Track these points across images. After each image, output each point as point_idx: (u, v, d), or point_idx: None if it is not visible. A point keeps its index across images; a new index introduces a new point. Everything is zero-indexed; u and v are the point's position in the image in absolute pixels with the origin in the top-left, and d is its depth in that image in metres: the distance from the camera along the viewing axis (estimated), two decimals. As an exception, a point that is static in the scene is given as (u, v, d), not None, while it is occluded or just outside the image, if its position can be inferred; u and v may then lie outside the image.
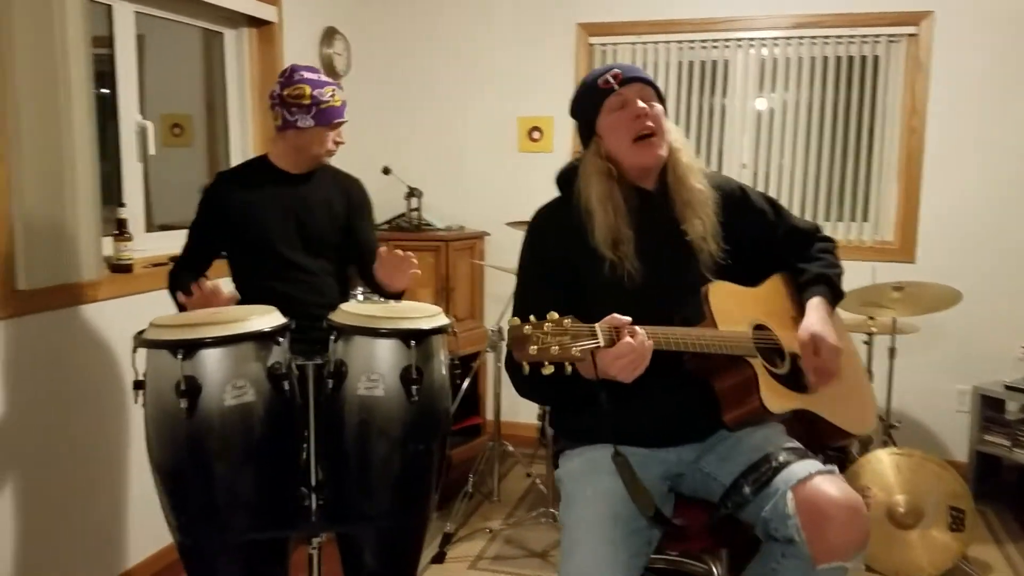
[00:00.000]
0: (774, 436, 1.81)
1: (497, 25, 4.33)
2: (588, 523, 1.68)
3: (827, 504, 1.60)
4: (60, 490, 2.56)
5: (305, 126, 2.48)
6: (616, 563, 1.61)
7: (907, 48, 3.88)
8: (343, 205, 2.64)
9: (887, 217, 4.01)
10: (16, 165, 2.32)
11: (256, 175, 2.57)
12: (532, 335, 1.44)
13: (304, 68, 2.52)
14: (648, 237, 1.85)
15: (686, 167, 1.90)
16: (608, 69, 1.89)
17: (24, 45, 2.31)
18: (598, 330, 1.53)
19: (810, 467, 1.67)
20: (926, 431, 3.97)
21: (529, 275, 1.94)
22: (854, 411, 1.98)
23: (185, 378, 1.88)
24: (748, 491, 1.70)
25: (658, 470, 1.84)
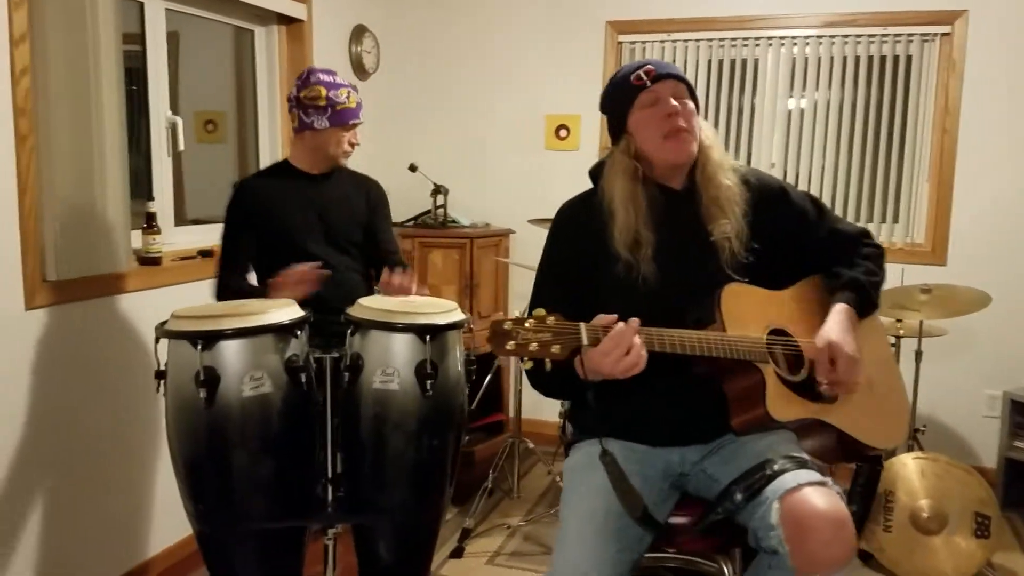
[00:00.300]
0: (779, 444, 1.77)
1: (526, 23, 4.34)
2: (581, 516, 1.70)
3: (810, 516, 1.56)
4: (85, 478, 2.62)
5: (321, 127, 2.54)
6: (604, 556, 1.62)
7: (940, 48, 3.82)
8: (363, 204, 2.71)
9: (919, 219, 3.96)
10: (47, 158, 2.38)
11: (278, 177, 2.64)
12: (512, 331, 1.48)
13: (320, 70, 2.57)
14: (670, 238, 1.84)
15: (716, 164, 1.88)
16: (641, 65, 1.87)
17: (57, 41, 2.36)
18: (582, 329, 1.54)
19: (802, 477, 1.63)
20: (954, 436, 3.91)
21: (546, 271, 1.95)
22: (880, 424, 1.91)
23: (204, 368, 1.91)
24: (740, 498, 1.68)
25: (660, 468, 1.84)
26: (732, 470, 1.74)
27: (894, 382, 2.02)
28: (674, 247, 1.83)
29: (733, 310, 1.77)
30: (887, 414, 1.94)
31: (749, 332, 1.77)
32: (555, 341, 1.49)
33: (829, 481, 1.64)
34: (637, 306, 1.70)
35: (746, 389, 1.75)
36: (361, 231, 2.68)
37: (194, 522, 2.08)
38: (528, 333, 1.48)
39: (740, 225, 1.85)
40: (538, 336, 1.48)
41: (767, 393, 1.72)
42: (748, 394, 1.75)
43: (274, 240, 2.57)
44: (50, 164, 2.38)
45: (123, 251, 2.60)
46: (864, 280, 1.90)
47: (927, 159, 3.90)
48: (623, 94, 1.87)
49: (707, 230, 1.85)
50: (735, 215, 1.85)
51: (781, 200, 1.94)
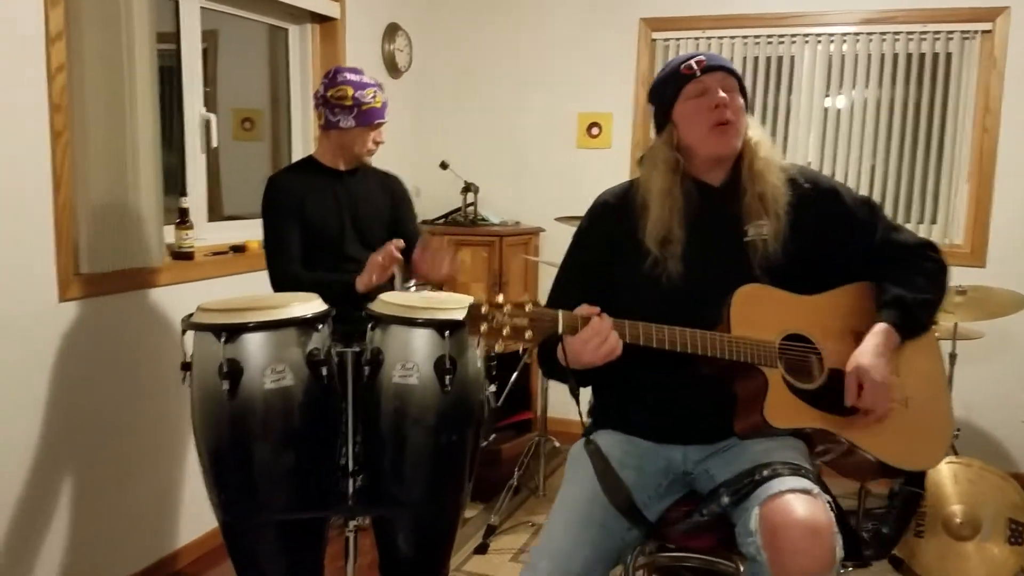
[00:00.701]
0: (778, 450, 1.71)
1: (559, 20, 4.34)
2: (567, 501, 1.73)
3: (787, 525, 1.52)
4: (115, 468, 2.67)
5: (347, 126, 2.56)
6: (583, 541, 1.64)
7: (981, 45, 3.74)
8: (387, 200, 2.74)
9: (957, 220, 3.88)
10: (82, 154, 2.43)
11: (306, 173, 2.67)
12: (488, 314, 1.50)
13: (347, 70, 2.60)
14: (702, 236, 1.80)
15: (764, 162, 1.81)
16: (692, 56, 1.83)
17: (93, 39, 2.41)
18: (559, 317, 1.55)
19: (787, 484, 1.58)
20: (991, 441, 3.83)
21: (571, 261, 1.95)
22: (908, 443, 1.79)
23: (227, 361, 1.95)
24: (727, 501, 1.65)
25: (660, 465, 1.83)
26: (730, 473, 1.71)
27: (937, 401, 1.88)
28: (705, 246, 1.80)
29: (744, 311, 1.72)
30: (919, 434, 1.82)
31: (760, 335, 1.72)
32: (530, 327, 1.52)
33: (815, 489, 1.58)
34: (659, 303, 1.70)
35: (749, 393, 1.72)
36: (385, 229, 2.71)
37: (218, 512, 2.12)
38: (504, 317, 1.50)
39: (780, 226, 1.79)
40: (513, 321, 1.51)
41: (767, 399, 1.67)
42: (751, 398, 1.71)
43: (309, 235, 2.58)
44: (84, 159, 2.44)
45: (155, 246, 2.65)
46: (911, 299, 1.79)
47: (966, 159, 3.82)
48: (671, 83, 1.84)
49: (742, 229, 1.80)
50: (776, 215, 1.79)
51: (831, 202, 1.85)
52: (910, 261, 1.85)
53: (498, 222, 4.15)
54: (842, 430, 1.74)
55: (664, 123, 1.87)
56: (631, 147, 4.20)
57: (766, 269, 1.78)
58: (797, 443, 1.77)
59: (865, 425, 1.75)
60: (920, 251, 1.87)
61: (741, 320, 1.71)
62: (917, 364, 1.85)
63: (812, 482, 1.60)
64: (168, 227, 2.86)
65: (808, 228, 1.81)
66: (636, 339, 1.62)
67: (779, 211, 1.79)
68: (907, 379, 1.82)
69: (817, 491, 1.58)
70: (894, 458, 1.77)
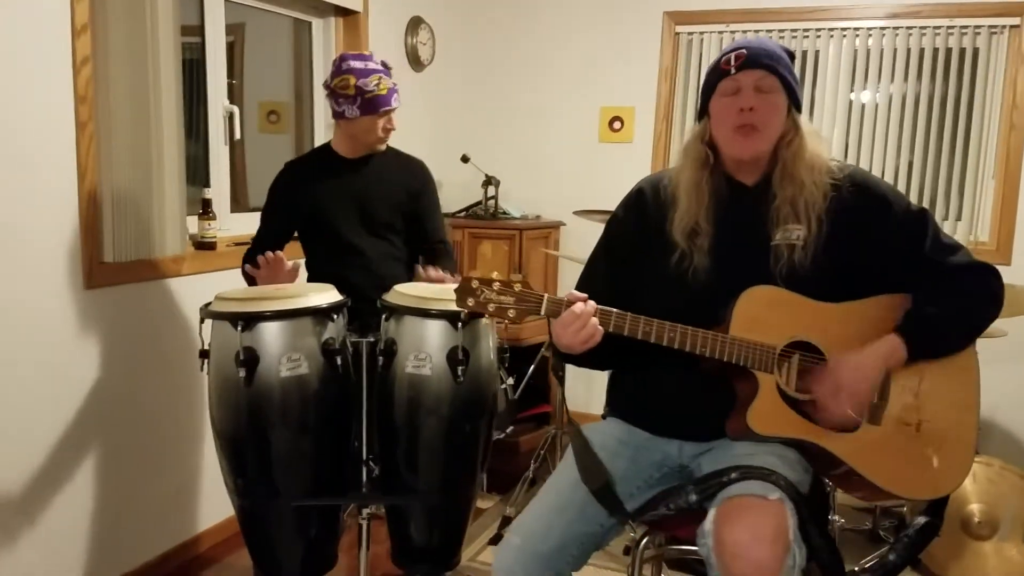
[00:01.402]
0: (760, 456, 1.67)
1: (582, 13, 4.33)
2: (553, 483, 1.78)
3: (734, 528, 1.51)
4: (137, 453, 2.73)
5: (352, 116, 2.53)
6: (556, 522, 1.68)
7: (1009, 40, 3.68)
8: (404, 188, 2.69)
9: (983, 217, 3.83)
10: (107, 145, 2.48)
11: (319, 163, 2.68)
12: (476, 289, 1.58)
13: (352, 56, 2.56)
14: (729, 234, 1.77)
15: (803, 164, 1.73)
16: (737, 47, 1.74)
17: (118, 32, 2.45)
18: (544, 300, 1.60)
19: (748, 488, 1.57)
20: (1013, 440, 3.78)
21: (600, 246, 1.94)
22: (910, 470, 1.72)
23: (244, 349, 1.99)
24: (694, 499, 1.65)
25: (655, 457, 1.83)
26: (710, 470, 1.71)
27: (958, 431, 1.76)
28: (732, 244, 1.77)
29: (748, 313, 1.69)
30: (923, 461, 1.73)
31: (763, 338, 1.69)
32: (514, 306, 1.59)
33: (775, 495, 1.55)
34: (682, 298, 1.72)
35: (742, 395, 1.71)
36: (401, 217, 2.68)
37: (234, 497, 2.16)
38: (492, 294, 1.58)
39: (813, 232, 1.72)
40: (500, 299, 1.58)
41: (753, 403, 1.66)
42: (742, 400, 1.70)
43: (312, 226, 2.62)
44: (109, 150, 2.48)
45: (178, 236, 2.69)
46: (933, 315, 1.70)
47: (993, 155, 3.77)
48: (711, 77, 1.78)
49: (770, 232, 1.74)
50: (809, 221, 1.72)
51: (877, 211, 1.74)
52: (951, 281, 1.73)
53: (519, 216, 4.16)
54: (833, 445, 1.69)
55: (703, 115, 1.82)
56: (653, 141, 4.19)
57: (789, 274, 1.72)
58: (786, 451, 1.71)
59: (859, 441, 1.69)
60: (965, 273, 1.74)
61: (743, 321, 1.69)
62: (944, 389, 1.76)
63: (780, 489, 1.56)
64: (191, 218, 2.91)
65: (845, 236, 1.73)
66: (620, 329, 1.63)
67: (813, 217, 1.72)
68: (926, 402, 1.75)
69: (777, 497, 1.55)
70: (886, 480, 1.70)
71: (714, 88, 1.76)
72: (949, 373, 1.77)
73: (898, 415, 1.73)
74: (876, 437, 1.71)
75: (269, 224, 2.69)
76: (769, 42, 1.78)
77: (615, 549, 3.04)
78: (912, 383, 1.74)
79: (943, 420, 1.75)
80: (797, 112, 1.78)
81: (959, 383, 1.78)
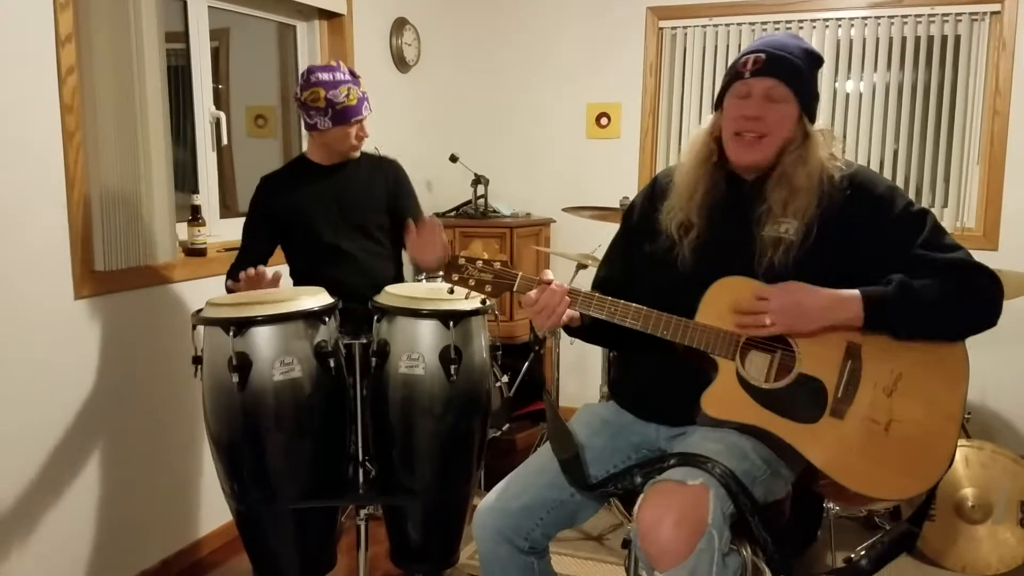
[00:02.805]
0: (709, 443, 1.68)
1: (567, 11, 4.34)
2: (536, 453, 1.90)
3: (650, 509, 1.57)
4: (133, 463, 2.73)
5: (324, 127, 2.58)
6: (531, 484, 1.78)
7: (991, 27, 3.71)
8: (383, 187, 2.73)
9: (969, 203, 3.86)
10: (94, 154, 2.48)
11: (296, 172, 2.72)
12: (463, 266, 1.75)
13: (320, 68, 2.60)
14: (720, 227, 1.80)
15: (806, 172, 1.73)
16: (758, 49, 1.74)
17: (102, 41, 2.45)
18: (517, 277, 1.75)
19: (676, 474, 1.61)
20: (1003, 424, 3.81)
21: (618, 232, 2.03)
22: (875, 469, 1.68)
23: (236, 354, 1.99)
24: (639, 480, 1.70)
25: (635, 439, 1.87)
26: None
27: (932, 439, 1.70)
28: (719, 238, 1.80)
29: (717, 301, 1.71)
30: (892, 462, 1.69)
31: (726, 325, 1.71)
32: (491, 283, 1.76)
33: (698, 480, 1.58)
34: (669, 286, 1.77)
35: (706, 380, 1.73)
36: (386, 215, 2.71)
37: (231, 501, 2.17)
38: (474, 272, 1.75)
39: (800, 235, 1.72)
40: (481, 275, 1.75)
41: (710, 387, 1.70)
42: (703, 385, 1.73)
43: (295, 233, 2.65)
44: (97, 159, 2.48)
45: (168, 242, 2.70)
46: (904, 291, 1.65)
47: (977, 141, 3.80)
48: (728, 75, 1.79)
49: (760, 227, 1.75)
50: (799, 223, 1.72)
51: (875, 211, 1.73)
52: (938, 273, 1.67)
53: (509, 214, 4.17)
54: (790, 434, 1.68)
55: (717, 107, 1.84)
56: (640, 136, 4.21)
57: (768, 270, 1.73)
58: (743, 441, 1.70)
59: (820, 434, 1.68)
60: (956, 270, 1.68)
61: (711, 309, 1.73)
62: (923, 390, 1.70)
63: (708, 474, 1.59)
64: (181, 224, 2.91)
65: (839, 236, 1.73)
66: (586, 308, 1.73)
67: (802, 221, 1.72)
68: (900, 401, 1.70)
69: (700, 482, 1.57)
70: (844, 476, 1.67)
71: (728, 88, 1.79)
72: (933, 377, 1.71)
73: (866, 412, 1.69)
74: (838, 432, 1.69)
75: (251, 239, 2.72)
76: (792, 43, 1.76)
77: (613, 543, 3.06)
78: (887, 381, 1.70)
79: (917, 425, 1.69)
80: (810, 122, 1.76)
81: (943, 389, 1.71)
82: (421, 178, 4.23)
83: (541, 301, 1.72)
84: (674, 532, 1.53)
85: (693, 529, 1.54)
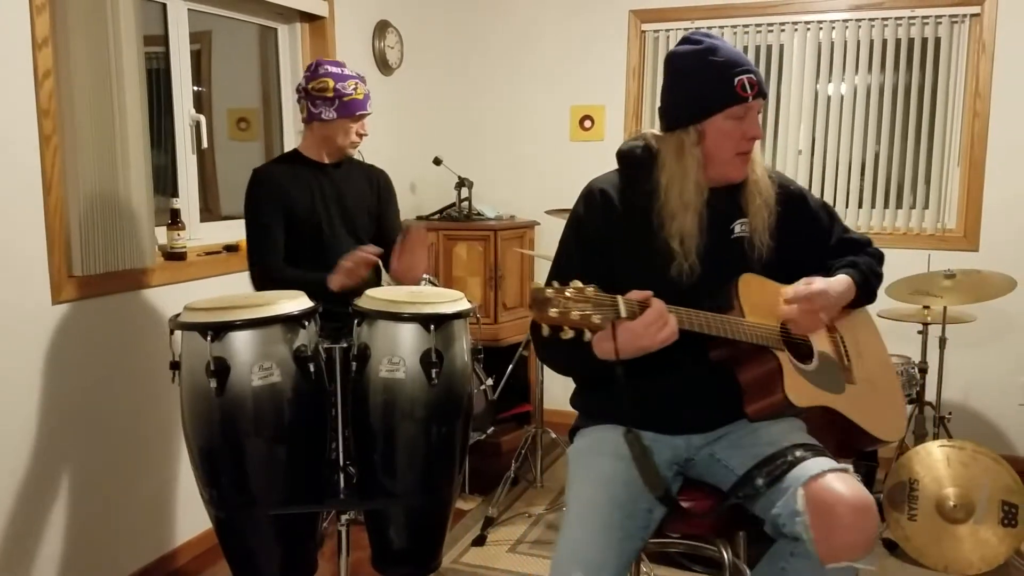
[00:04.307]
0: (791, 432, 1.78)
1: (550, 14, 4.35)
2: (586, 503, 1.71)
3: (836, 502, 1.57)
4: (112, 469, 2.71)
5: (329, 118, 2.58)
6: (609, 545, 1.63)
7: (970, 29, 3.74)
8: (372, 193, 2.74)
9: (950, 204, 3.88)
10: (72, 158, 2.46)
11: (291, 165, 2.67)
12: (554, 299, 1.45)
13: (329, 62, 2.62)
14: (706, 236, 1.84)
15: (764, 177, 1.91)
16: (745, 69, 1.78)
17: (79, 44, 2.44)
18: (620, 302, 1.53)
19: (823, 464, 1.64)
20: (984, 423, 3.84)
21: (568, 242, 1.92)
22: (884, 417, 1.96)
23: (214, 359, 1.97)
24: (761, 483, 1.68)
25: (667, 455, 1.85)
26: (747, 457, 1.74)
27: (893, 381, 2.09)
28: (711, 245, 1.84)
29: (749, 298, 1.79)
30: (889, 410, 2.00)
31: (765, 321, 1.80)
32: (595, 312, 1.47)
33: (850, 468, 1.66)
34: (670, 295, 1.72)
35: (763, 375, 1.76)
36: (372, 221, 2.72)
37: (210, 508, 2.14)
38: (568, 302, 1.46)
39: (766, 224, 1.89)
40: (578, 306, 1.46)
41: (785, 379, 1.73)
42: (765, 380, 1.76)
43: (294, 228, 2.59)
44: (74, 163, 2.46)
45: (147, 247, 2.68)
46: (864, 264, 1.96)
47: (958, 143, 3.82)
48: (719, 93, 1.78)
49: (741, 229, 1.89)
50: (763, 214, 1.88)
51: (801, 204, 1.98)
52: (860, 249, 2.03)
53: (493, 216, 4.16)
54: (844, 407, 1.85)
55: (692, 121, 1.81)
56: (624, 139, 4.20)
57: (759, 263, 1.88)
58: (800, 423, 1.84)
59: (852, 400, 1.87)
60: (866, 245, 2.05)
61: (750, 306, 1.78)
62: (873, 350, 2.03)
63: (837, 462, 1.67)
64: (160, 228, 2.89)
65: (784, 229, 1.92)
66: (681, 323, 1.63)
67: (765, 213, 1.88)
68: (868, 361, 1.99)
69: (849, 469, 1.65)
70: (877, 430, 1.90)
71: (723, 106, 1.78)
72: (868, 334, 2.06)
73: (860, 374, 1.94)
74: (857, 394, 1.90)
75: (271, 225, 2.57)
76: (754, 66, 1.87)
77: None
78: (856, 347, 1.98)
79: (882, 374, 2.02)
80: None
81: (877, 342, 2.07)
82: (405, 181, 4.23)
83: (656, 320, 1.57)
84: (874, 518, 1.58)
85: (875, 517, 1.59)
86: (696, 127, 1.81)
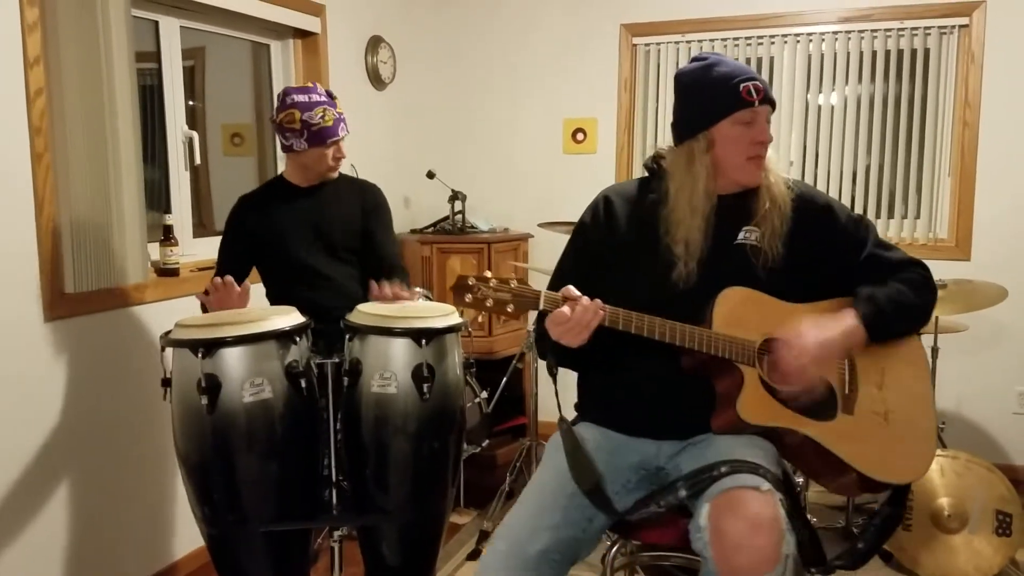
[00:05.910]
0: (743, 447, 1.73)
1: (542, 28, 4.37)
2: (537, 484, 1.80)
3: (731, 519, 1.54)
4: (107, 486, 2.70)
5: (301, 149, 2.58)
6: (541, 525, 1.69)
7: (959, 40, 3.76)
8: (358, 211, 2.72)
9: (942, 214, 3.90)
10: (64, 175, 2.46)
11: (273, 193, 2.72)
12: (474, 286, 1.59)
13: (296, 90, 2.60)
14: (711, 243, 1.85)
15: (774, 175, 1.89)
16: (749, 77, 1.83)
17: (71, 62, 2.44)
18: (542, 297, 1.63)
19: (740, 481, 1.60)
20: (977, 433, 3.84)
21: (568, 252, 2.01)
22: (890, 455, 1.83)
23: (205, 376, 1.97)
24: (684, 494, 1.68)
25: (633, 459, 1.85)
26: (693, 467, 1.73)
27: (919, 421, 1.91)
28: (715, 252, 1.85)
29: (728, 311, 1.77)
30: (899, 448, 1.86)
31: (743, 334, 1.76)
32: (512, 302, 1.61)
33: (765, 486, 1.60)
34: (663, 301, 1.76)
35: (727, 388, 1.76)
36: (359, 239, 2.71)
37: (202, 525, 2.14)
38: (489, 291, 1.59)
39: (776, 235, 1.86)
40: (497, 295, 1.60)
41: (741, 394, 1.72)
42: (727, 393, 1.75)
43: (272, 253, 2.65)
44: (66, 181, 2.46)
45: (140, 263, 2.68)
46: (883, 298, 1.83)
47: (948, 153, 3.84)
48: (725, 99, 1.83)
49: (745, 236, 1.87)
50: (774, 225, 1.86)
51: (824, 219, 1.91)
52: (892, 272, 1.88)
53: (487, 229, 4.17)
54: (817, 433, 1.77)
55: (698, 130, 1.86)
56: (616, 151, 4.23)
57: (763, 274, 1.84)
58: (766, 445, 1.80)
59: (837, 429, 1.79)
60: (903, 266, 1.90)
61: (724, 319, 1.76)
62: (903, 382, 1.90)
63: (768, 481, 1.61)
64: (153, 244, 2.90)
65: (802, 241, 1.87)
66: (615, 324, 1.67)
67: (777, 221, 1.86)
68: (889, 393, 1.87)
69: (768, 488, 1.60)
70: (867, 466, 1.80)
71: (728, 113, 1.82)
72: (904, 366, 1.90)
73: (868, 406, 1.84)
74: (852, 425, 1.81)
75: (227, 258, 2.70)
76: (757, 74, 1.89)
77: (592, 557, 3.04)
78: (876, 377, 1.87)
79: (907, 411, 1.88)
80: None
81: (914, 376, 1.92)
82: (399, 195, 4.24)
83: (575, 317, 1.63)
84: (768, 537, 1.53)
85: (779, 533, 1.55)
86: (705, 134, 1.85)
